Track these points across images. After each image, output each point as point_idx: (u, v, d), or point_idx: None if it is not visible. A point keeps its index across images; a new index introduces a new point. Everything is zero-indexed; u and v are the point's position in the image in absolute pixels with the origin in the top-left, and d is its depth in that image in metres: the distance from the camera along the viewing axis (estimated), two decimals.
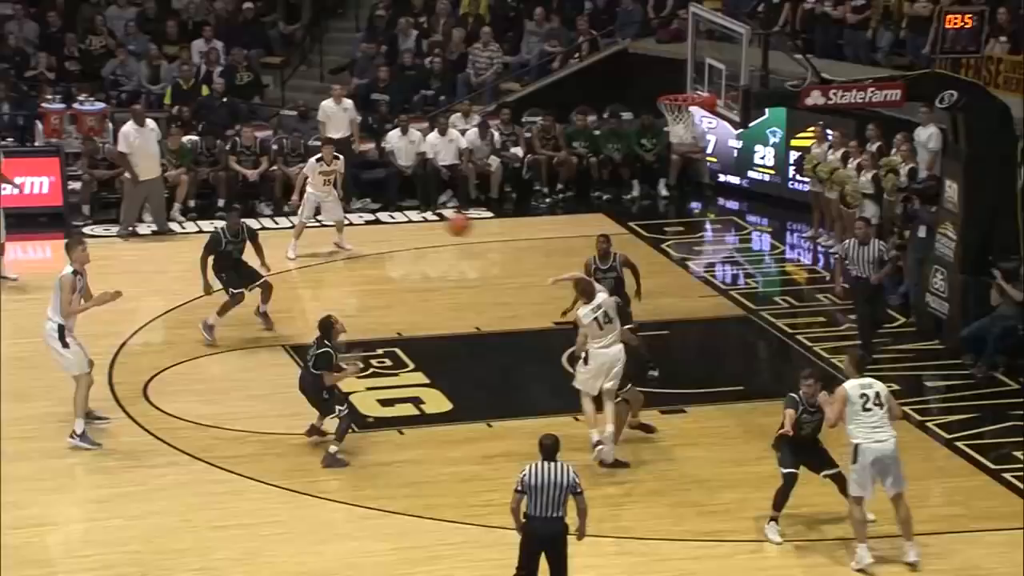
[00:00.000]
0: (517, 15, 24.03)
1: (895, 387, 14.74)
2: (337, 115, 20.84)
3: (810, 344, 16.15)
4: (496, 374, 15.69)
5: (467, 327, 16.71)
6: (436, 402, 14.71)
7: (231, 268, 15.88)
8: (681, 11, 21.70)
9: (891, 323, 16.60)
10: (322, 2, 24.92)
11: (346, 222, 19.30)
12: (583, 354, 13.32)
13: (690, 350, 16.31)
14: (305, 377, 13.59)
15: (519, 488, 10.60)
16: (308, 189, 18.76)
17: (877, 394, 11.58)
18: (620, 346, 13.33)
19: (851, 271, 15.64)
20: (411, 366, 15.50)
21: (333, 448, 13.38)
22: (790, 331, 16.58)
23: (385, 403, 14.69)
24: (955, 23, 16.26)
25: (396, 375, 15.32)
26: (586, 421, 13.37)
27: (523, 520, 10.64)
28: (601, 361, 13.21)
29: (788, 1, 21.73)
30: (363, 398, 14.61)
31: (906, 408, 14.52)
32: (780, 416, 12.13)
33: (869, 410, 11.51)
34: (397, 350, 15.84)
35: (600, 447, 13.21)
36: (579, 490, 10.62)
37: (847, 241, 15.92)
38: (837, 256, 16.30)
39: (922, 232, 16.53)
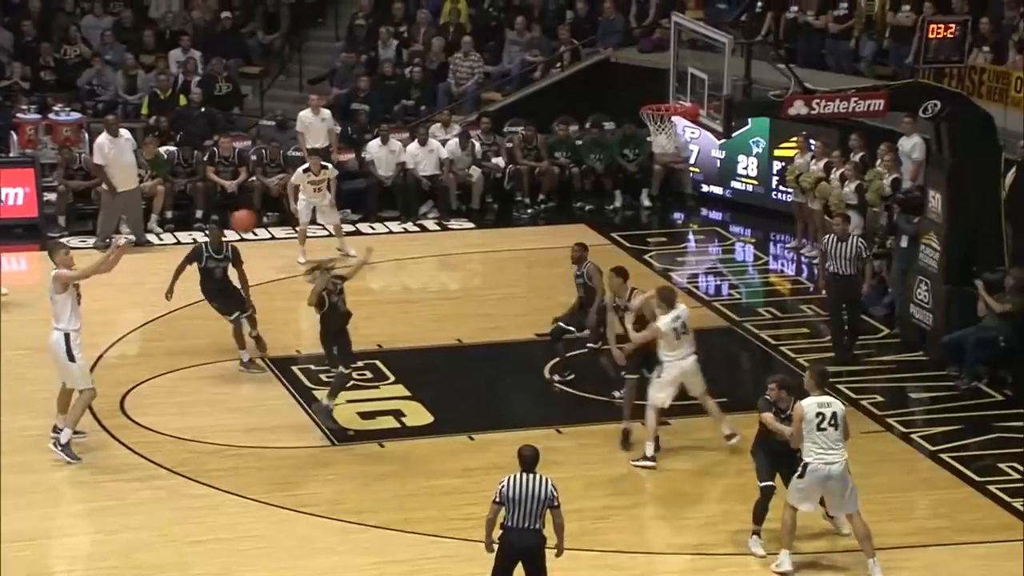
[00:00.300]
0: (498, 25, 24.07)
1: (879, 398, 14.87)
2: (315, 125, 20.87)
3: (794, 355, 16.19)
4: (478, 386, 15.70)
5: (448, 339, 16.72)
6: (417, 415, 14.72)
7: (219, 293, 15.59)
8: (663, 20, 21.81)
9: (875, 334, 16.68)
10: (301, 11, 24.93)
11: (344, 228, 19.30)
12: (658, 367, 13.38)
13: None
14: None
15: (497, 499, 10.62)
16: (301, 197, 18.84)
17: (834, 414, 11.53)
18: (694, 356, 13.44)
19: (828, 268, 15.79)
20: (392, 378, 15.51)
21: (327, 401, 13.91)
22: (774, 342, 16.63)
23: (366, 416, 14.68)
24: (938, 33, 16.36)
25: (377, 387, 15.31)
26: (646, 431, 13.53)
27: (500, 531, 10.66)
28: (675, 372, 13.35)
29: (770, 11, 21.81)
30: (343, 411, 14.59)
31: (890, 420, 14.62)
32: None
33: (824, 430, 11.47)
34: (378, 362, 15.84)
35: (649, 463, 13.40)
36: (556, 504, 10.64)
37: (826, 238, 16.10)
38: (818, 253, 16.44)
39: (904, 242, 16.61)
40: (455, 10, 23.96)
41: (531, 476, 10.62)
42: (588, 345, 15.03)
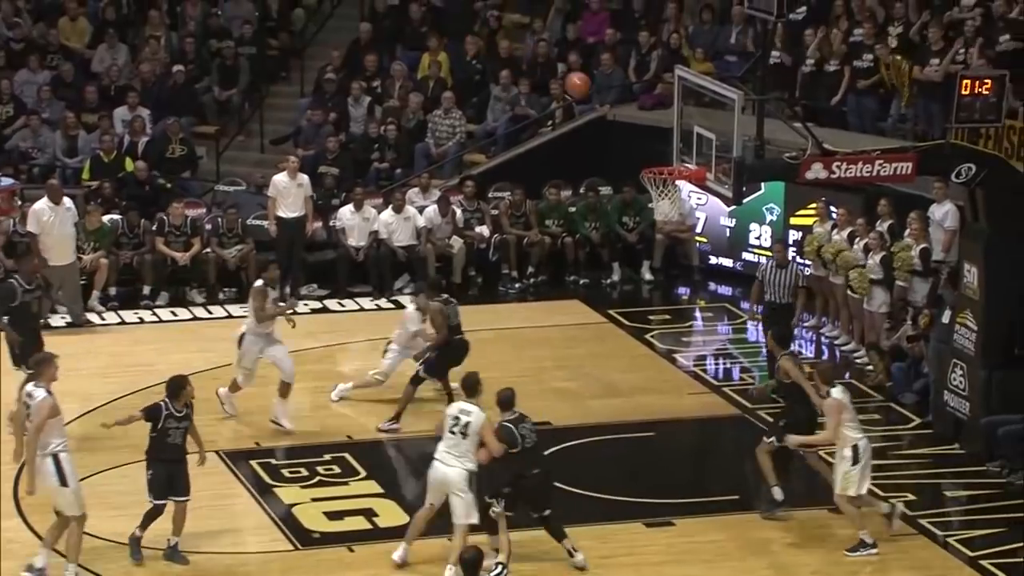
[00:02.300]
0: (482, 79, 24.24)
1: (910, 497, 14.82)
2: (291, 191, 20.84)
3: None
4: None
5: (426, 428, 16.61)
6: (391, 514, 14.64)
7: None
8: (666, 74, 21.96)
9: (905, 424, 16.66)
10: (262, 64, 25.10)
11: (311, 305, 19.23)
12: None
13: (678, 454, 16.31)
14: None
15: None
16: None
17: (467, 424, 13.13)
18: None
19: (765, 295, 17.21)
20: (362, 474, 15.45)
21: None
22: None
23: (333, 516, 14.61)
24: (972, 89, 16.48)
25: (346, 484, 15.26)
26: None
27: None
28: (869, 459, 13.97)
29: (786, 64, 21.98)
30: (308, 510, 14.53)
31: (923, 521, 14.57)
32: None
33: (453, 434, 13.16)
34: (347, 455, 15.79)
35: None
36: None
37: (764, 263, 17.16)
38: (756, 280, 17.68)
39: (946, 317, 16.57)
40: (434, 63, 24.13)
41: None
42: None
